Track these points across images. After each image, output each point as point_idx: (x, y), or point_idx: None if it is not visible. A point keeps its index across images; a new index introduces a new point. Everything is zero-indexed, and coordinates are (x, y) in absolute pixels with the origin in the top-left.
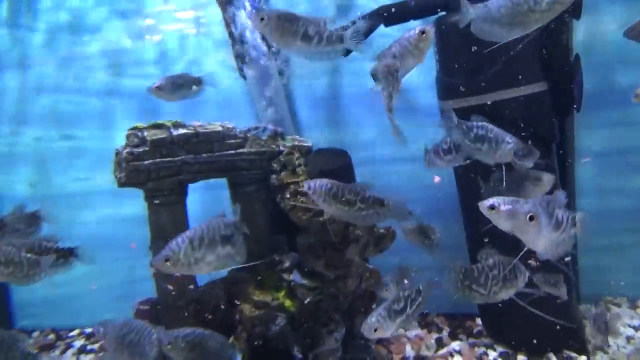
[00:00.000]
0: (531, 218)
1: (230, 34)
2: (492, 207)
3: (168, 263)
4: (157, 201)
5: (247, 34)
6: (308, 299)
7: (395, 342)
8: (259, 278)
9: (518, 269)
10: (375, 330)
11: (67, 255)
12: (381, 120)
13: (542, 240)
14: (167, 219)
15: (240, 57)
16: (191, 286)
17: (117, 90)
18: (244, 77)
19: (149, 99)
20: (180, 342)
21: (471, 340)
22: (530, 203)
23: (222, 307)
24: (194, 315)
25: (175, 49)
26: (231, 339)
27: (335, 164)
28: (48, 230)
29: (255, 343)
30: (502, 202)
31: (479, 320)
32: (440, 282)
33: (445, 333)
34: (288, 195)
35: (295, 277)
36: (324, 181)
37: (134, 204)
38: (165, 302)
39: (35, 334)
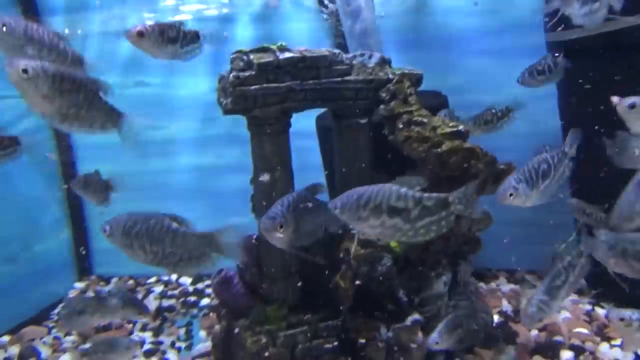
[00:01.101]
0: None
1: None
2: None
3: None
4: (265, 130)
5: None
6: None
7: (489, 295)
8: None
9: None
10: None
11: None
12: (472, 64)
13: None
14: (271, 149)
15: None
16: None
17: None
18: (325, 14)
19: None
20: None
21: (572, 297)
22: None
23: (325, 244)
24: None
25: None
26: (336, 278)
27: (434, 103)
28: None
29: (360, 283)
30: None
31: None
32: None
33: None
34: (401, 126)
35: None
36: None
37: (209, 154)
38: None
39: (114, 279)
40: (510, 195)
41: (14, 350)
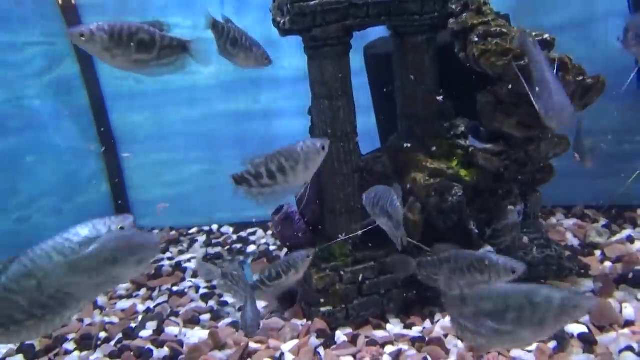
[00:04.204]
0: None
1: None
2: None
3: None
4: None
5: None
6: (492, 166)
7: (551, 230)
8: (428, 146)
9: None
10: None
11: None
12: None
13: None
14: (331, 73)
15: None
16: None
17: None
18: None
19: None
20: None
21: None
22: None
23: (389, 176)
24: (359, 183)
25: None
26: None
27: None
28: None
29: (428, 216)
30: None
31: None
32: None
33: (604, 223)
34: (476, 39)
35: (473, 141)
36: None
37: (242, 100)
38: (330, 171)
39: (156, 231)
40: None
41: None
